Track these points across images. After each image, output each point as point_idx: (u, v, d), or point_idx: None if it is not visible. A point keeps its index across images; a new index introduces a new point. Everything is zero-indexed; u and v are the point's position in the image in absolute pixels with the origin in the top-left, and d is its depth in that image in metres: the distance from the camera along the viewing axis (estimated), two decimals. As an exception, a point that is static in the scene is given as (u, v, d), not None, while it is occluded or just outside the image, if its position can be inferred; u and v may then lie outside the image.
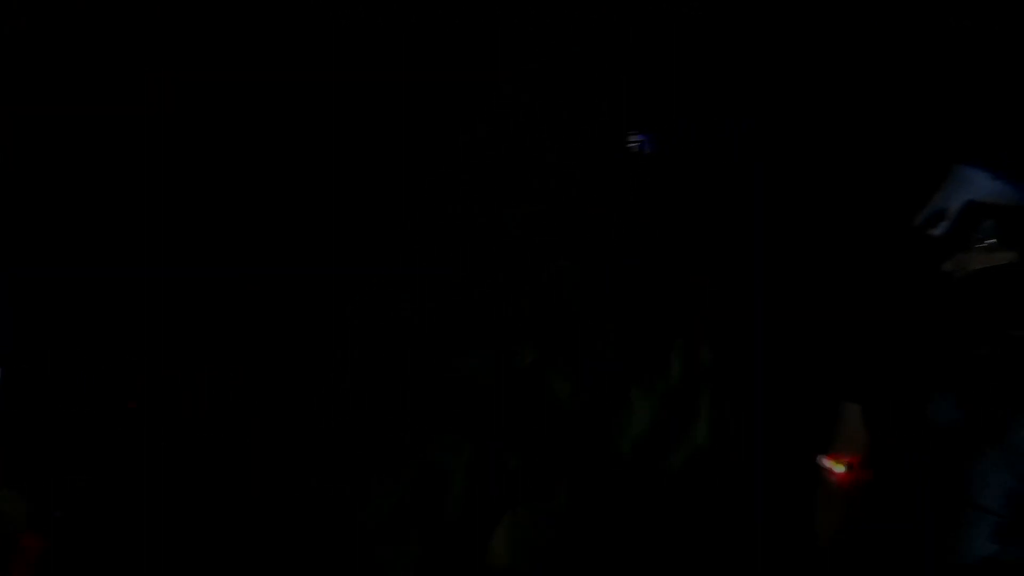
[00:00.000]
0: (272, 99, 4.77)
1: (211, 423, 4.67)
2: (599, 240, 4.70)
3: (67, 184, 4.75)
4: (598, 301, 4.66)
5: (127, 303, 4.70)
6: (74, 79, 4.73)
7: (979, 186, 2.59)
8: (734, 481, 4.39)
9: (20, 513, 4.16)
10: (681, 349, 4.55)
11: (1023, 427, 2.59)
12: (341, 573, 4.53)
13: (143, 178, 4.74)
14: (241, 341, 4.73)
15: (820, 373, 3.81)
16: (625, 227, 4.71)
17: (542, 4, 4.76)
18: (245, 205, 4.77)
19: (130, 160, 4.75)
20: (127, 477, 4.57)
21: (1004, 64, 4.35)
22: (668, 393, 4.53)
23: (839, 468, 2.84)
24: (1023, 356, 2.59)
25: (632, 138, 4.58)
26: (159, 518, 4.52)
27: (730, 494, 4.38)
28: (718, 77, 4.68)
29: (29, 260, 4.67)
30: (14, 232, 4.70)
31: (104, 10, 4.75)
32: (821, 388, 3.10)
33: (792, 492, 3.51)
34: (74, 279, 4.68)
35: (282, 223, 4.77)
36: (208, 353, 4.71)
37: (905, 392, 2.68)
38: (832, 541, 2.89)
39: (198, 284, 4.73)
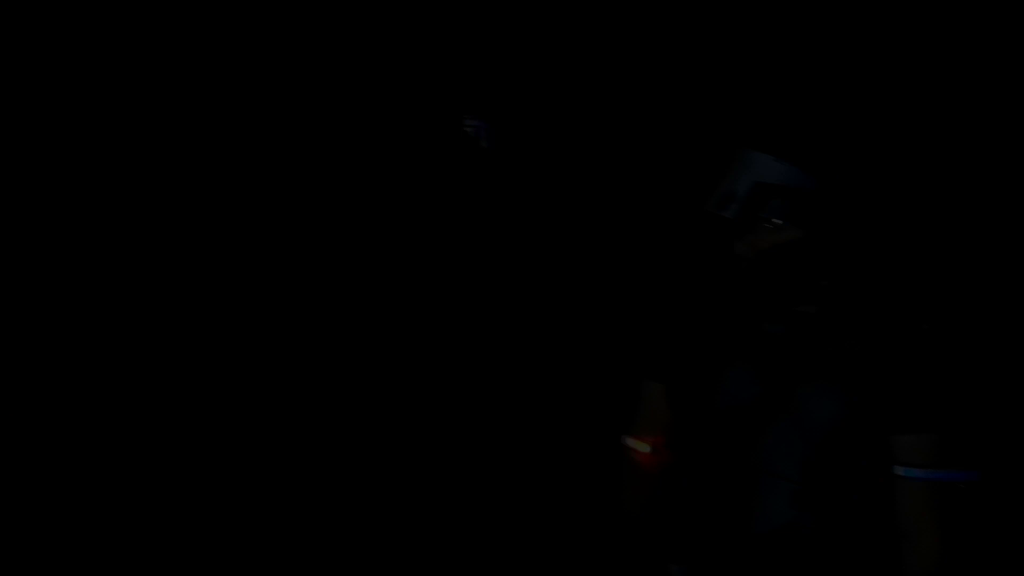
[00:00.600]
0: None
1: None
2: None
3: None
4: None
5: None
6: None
7: (764, 168, 2.66)
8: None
9: None
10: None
11: (814, 398, 2.70)
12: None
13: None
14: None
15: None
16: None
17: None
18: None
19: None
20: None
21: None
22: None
23: (643, 448, 2.89)
24: (811, 331, 2.72)
25: (468, 123, 4.53)
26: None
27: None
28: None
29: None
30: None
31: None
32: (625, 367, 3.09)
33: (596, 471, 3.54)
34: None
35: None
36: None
37: (703, 369, 2.79)
38: (635, 519, 2.95)
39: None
